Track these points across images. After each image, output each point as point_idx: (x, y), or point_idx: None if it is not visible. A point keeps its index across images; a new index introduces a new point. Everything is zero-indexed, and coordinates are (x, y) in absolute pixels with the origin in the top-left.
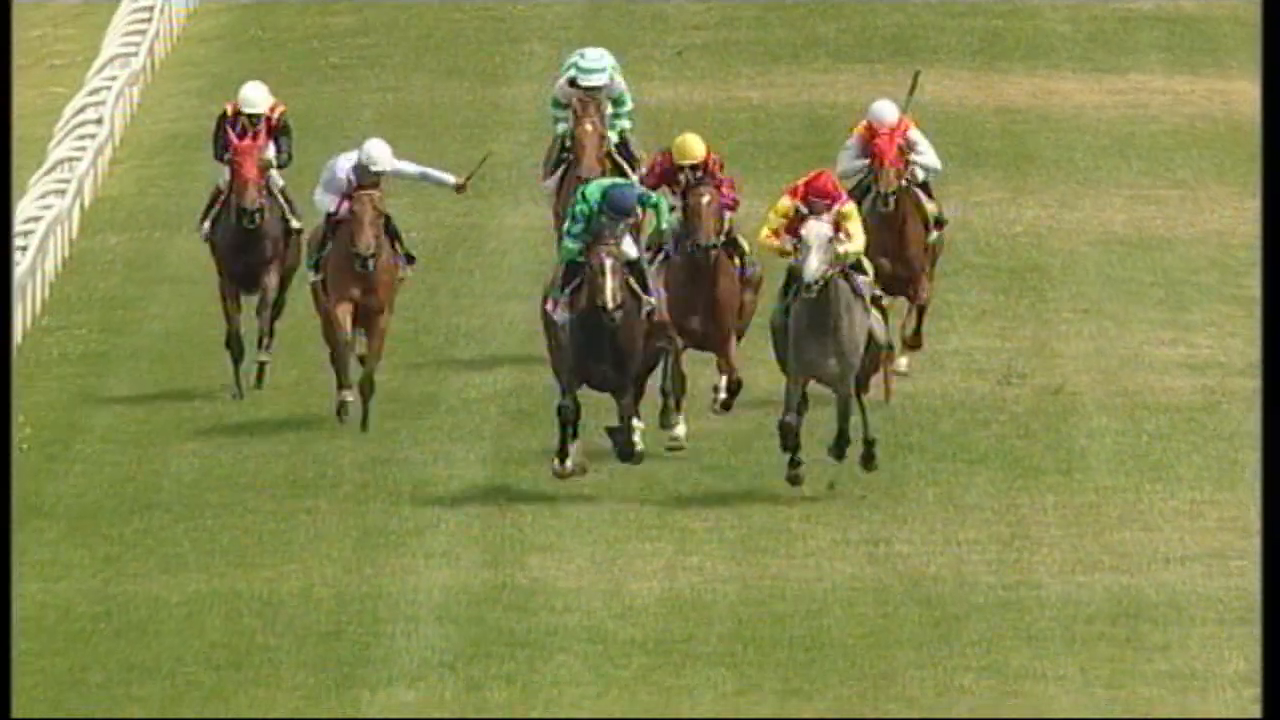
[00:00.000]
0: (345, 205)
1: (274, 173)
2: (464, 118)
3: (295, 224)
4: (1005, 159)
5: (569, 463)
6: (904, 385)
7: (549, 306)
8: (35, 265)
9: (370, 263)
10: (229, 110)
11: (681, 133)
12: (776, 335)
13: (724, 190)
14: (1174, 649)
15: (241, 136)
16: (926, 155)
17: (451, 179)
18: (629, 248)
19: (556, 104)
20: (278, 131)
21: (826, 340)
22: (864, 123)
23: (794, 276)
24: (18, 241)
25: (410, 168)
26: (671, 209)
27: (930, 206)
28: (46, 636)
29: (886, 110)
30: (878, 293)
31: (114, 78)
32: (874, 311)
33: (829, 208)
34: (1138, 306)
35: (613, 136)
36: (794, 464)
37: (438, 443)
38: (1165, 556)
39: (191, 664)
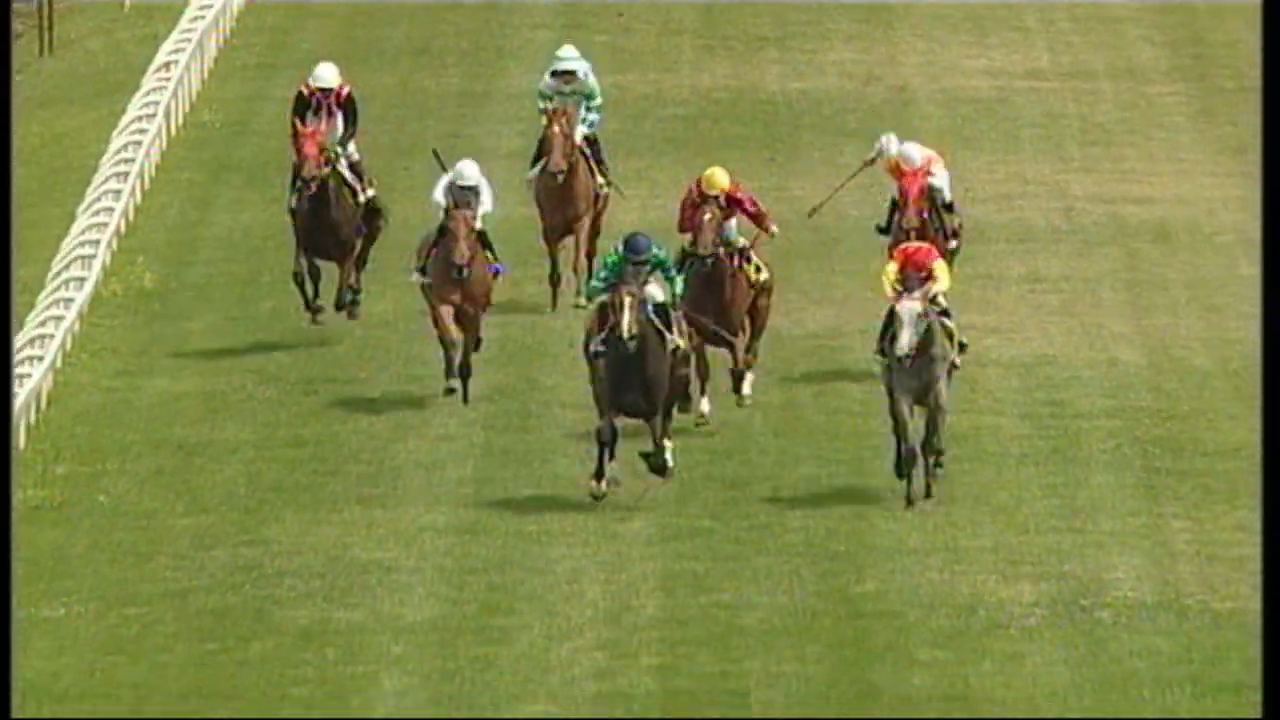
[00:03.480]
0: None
1: (350, 147)
2: None
3: (364, 197)
4: None
5: (604, 483)
6: (807, 87)
7: (590, 346)
8: (211, 26)
9: (464, 271)
10: (304, 91)
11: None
12: (885, 372)
13: (746, 205)
14: (988, 260)
15: (317, 110)
16: (940, 178)
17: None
18: (654, 291)
19: (542, 95)
20: (345, 107)
21: (920, 373)
22: (893, 160)
23: (890, 328)
24: (198, 14)
25: (485, 194)
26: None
27: (952, 221)
28: (226, 252)
29: (913, 152)
30: (961, 338)
31: None
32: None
33: (922, 283)
34: (954, 33)
35: (584, 129)
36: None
37: (490, 137)
38: (973, 196)
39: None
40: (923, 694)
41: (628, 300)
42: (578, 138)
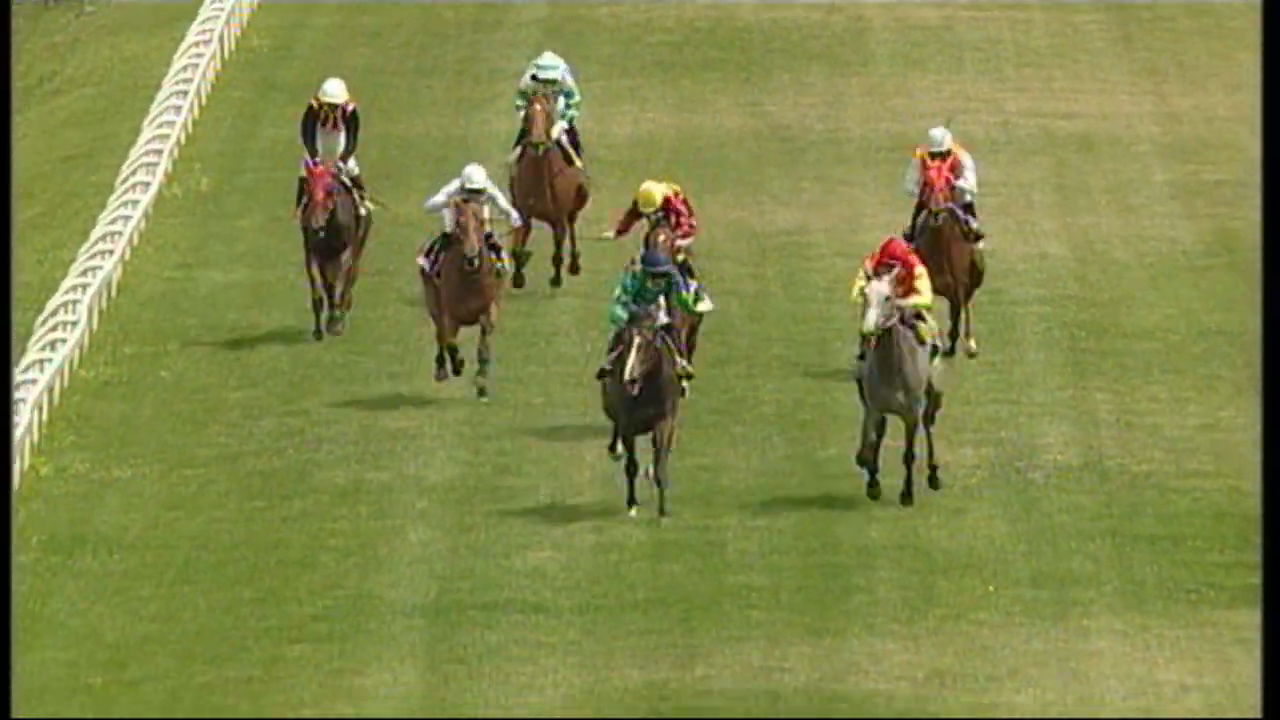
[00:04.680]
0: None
1: (350, 163)
2: None
3: (364, 210)
4: None
5: (634, 508)
6: (777, 16)
7: (602, 366)
8: None
9: (475, 261)
10: (314, 104)
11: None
12: (859, 378)
13: (683, 221)
14: None
15: (324, 123)
16: (967, 180)
17: (514, 215)
18: (662, 315)
19: (521, 95)
20: (348, 122)
21: (894, 378)
22: (921, 148)
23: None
24: None
25: (499, 197)
26: (698, 298)
27: (973, 224)
28: (272, 160)
29: (939, 134)
30: (939, 343)
31: None
32: (936, 360)
33: (891, 270)
34: None
35: (563, 125)
36: (872, 484)
37: (501, 59)
38: (921, 112)
39: None
40: (878, 544)
41: (636, 341)
42: (556, 132)
